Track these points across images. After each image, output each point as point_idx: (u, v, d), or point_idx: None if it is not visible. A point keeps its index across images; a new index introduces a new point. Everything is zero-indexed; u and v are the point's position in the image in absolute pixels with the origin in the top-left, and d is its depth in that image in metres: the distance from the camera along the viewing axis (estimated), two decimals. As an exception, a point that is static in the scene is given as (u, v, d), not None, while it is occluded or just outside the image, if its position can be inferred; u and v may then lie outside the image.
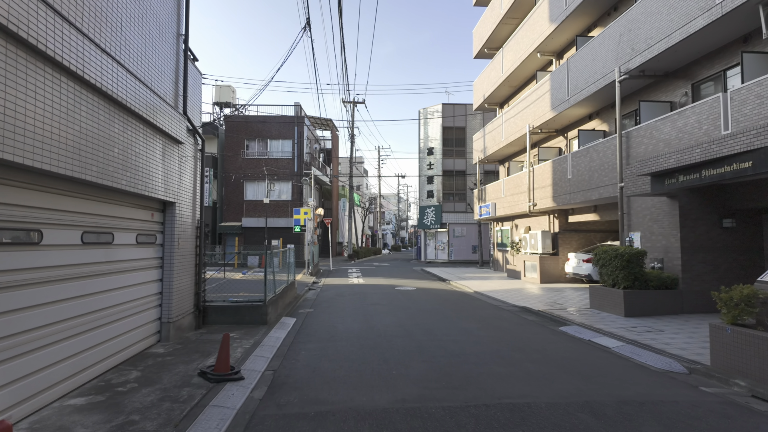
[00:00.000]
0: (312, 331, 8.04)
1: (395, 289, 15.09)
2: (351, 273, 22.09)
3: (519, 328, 8.43)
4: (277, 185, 32.63)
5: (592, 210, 14.39)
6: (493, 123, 20.78)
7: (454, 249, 32.44)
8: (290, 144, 32.79)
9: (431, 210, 32.89)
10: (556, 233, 16.18)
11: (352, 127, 35.60)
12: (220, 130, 33.53)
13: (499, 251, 22.05)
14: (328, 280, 18.55)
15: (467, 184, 32.53)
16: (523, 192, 17.06)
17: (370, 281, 17.86)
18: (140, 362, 5.64)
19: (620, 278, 9.30)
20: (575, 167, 13.41)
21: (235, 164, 32.31)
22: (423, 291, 14.60)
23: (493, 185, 20.66)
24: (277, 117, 33.15)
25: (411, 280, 18.66)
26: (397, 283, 17.22)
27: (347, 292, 14.15)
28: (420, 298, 12.82)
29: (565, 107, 14.18)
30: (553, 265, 15.90)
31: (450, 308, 10.82)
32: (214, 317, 8.24)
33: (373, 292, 14.04)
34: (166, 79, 6.69)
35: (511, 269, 18.55)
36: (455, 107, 33.00)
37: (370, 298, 12.77)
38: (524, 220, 18.98)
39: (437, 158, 32.86)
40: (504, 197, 19.14)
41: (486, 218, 21.78)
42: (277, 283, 10.88)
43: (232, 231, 31.61)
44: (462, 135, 32.97)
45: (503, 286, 15.34)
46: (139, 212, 6.09)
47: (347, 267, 26.94)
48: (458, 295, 13.77)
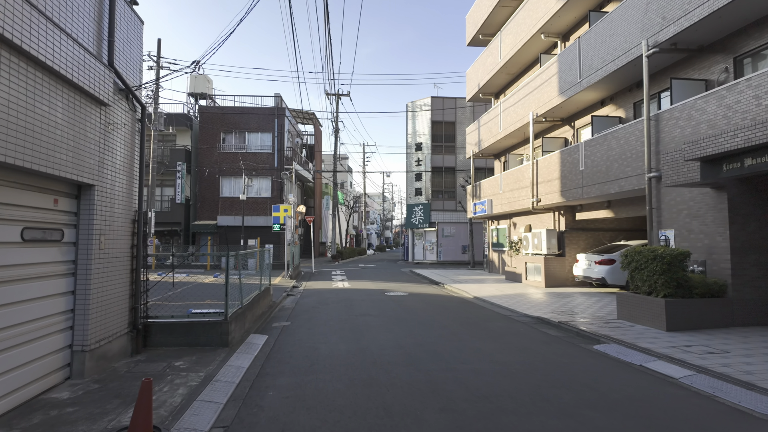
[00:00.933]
0: (286, 356, 6.25)
1: (385, 294, 13.37)
2: (335, 275, 20.29)
3: (545, 348, 6.79)
4: (255, 181, 30.58)
5: (604, 206, 12.91)
6: (490, 113, 19.24)
7: (443, 249, 30.89)
8: (270, 137, 30.80)
9: (419, 208, 31.28)
10: (562, 232, 14.69)
11: (336, 120, 33.76)
12: (194, 122, 31.33)
13: (494, 252, 20.52)
14: (309, 284, 16.72)
15: (457, 181, 31.01)
16: (525, 187, 15.53)
17: (356, 285, 16.10)
18: (19, 421, 3.78)
19: (659, 284, 7.76)
20: (589, 157, 11.90)
21: (211, 158, 30.18)
22: (417, 297, 12.91)
23: (489, 180, 19.12)
24: (256, 108, 31.12)
25: (401, 283, 16.97)
26: (386, 287, 15.49)
27: (331, 299, 12.37)
28: (415, 306, 11.11)
29: (576, 91, 12.67)
30: (559, 268, 14.40)
31: (453, 320, 9.15)
32: (160, 338, 6.38)
33: (360, 299, 12.28)
34: (78, 13, 4.81)
35: (510, 271, 17.02)
36: (444, 101, 31.46)
37: (358, 306, 11.01)
38: (524, 218, 17.48)
39: (426, 154, 31.27)
40: (502, 193, 17.60)
41: (480, 216, 20.24)
42: (247, 290, 9.05)
43: (206, 230, 29.48)
44: (452, 130, 31.46)
45: (504, 291, 13.76)
46: (29, 196, 4.23)
47: (331, 269, 25.12)
48: (458, 302, 12.12)
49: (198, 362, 5.67)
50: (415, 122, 32.29)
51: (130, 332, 5.82)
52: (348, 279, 18.55)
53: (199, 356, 5.96)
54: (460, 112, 31.44)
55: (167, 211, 29.60)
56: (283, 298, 12.67)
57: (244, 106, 31.15)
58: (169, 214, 29.51)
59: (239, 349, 6.49)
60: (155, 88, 25.34)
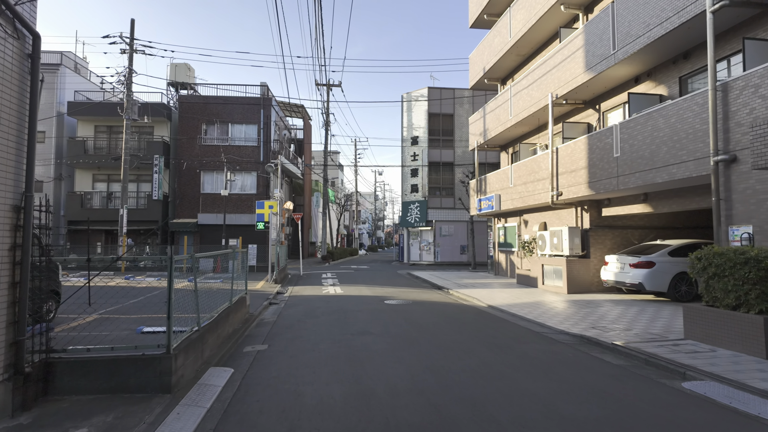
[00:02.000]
0: (253, 412, 4.24)
1: (385, 303, 11.40)
2: (325, 279, 18.28)
3: (619, 388, 4.88)
4: (239, 177, 28.43)
5: (639, 200, 11.09)
6: (497, 99, 17.37)
7: (441, 249, 29.02)
8: (255, 129, 28.67)
9: (415, 206, 29.37)
10: (586, 230, 12.86)
11: (327, 112, 31.72)
12: (173, 112, 29.07)
13: (500, 253, 18.67)
14: (297, 290, 14.69)
15: (455, 177, 29.17)
16: (542, 179, 13.68)
17: (350, 291, 14.11)
18: None
19: (753, 297, 5.91)
20: (627, 141, 10.05)
21: (191, 152, 27.96)
22: (423, 307, 10.96)
23: (496, 174, 17.25)
24: (240, 98, 28.96)
25: (400, 288, 15.02)
26: (384, 293, 13.53)
27: (321, 310, 10.37)
28: (424, 319, 9.16)
29: (608, 65, 10.83)
30: (582, 271, 12.57)
31: (477, 340, 7.21)
32: (70, 382, 4.35)
33: (356, 309, 10.30)
34: None
35: (522, 275, 15.16)
36: (442, 91, 29.59)
37: (355, 320, 9.03)
38: (538, 214, 15.64)
39: (422, 148, 29.37)
40: (512, 187, 15.73)
41: (486, 213, 18.36)
42: (211, 303, 7.04)
43: (186, 229, 27.27)
44: (450, 123, 29.60)
45: (521, 298, 11.89)
46: None
47: (321, 271, 23.08)
48: (472, 312, 10.20)
49: (113, 428, 3.65)
50: (410, 114, 30.38)
51: (9, 379, 3.79)
52: (340, 283, 16.55)
53: (119, 413, 3.93)
54: (459, 104, 29.61)
55: (143, 209, 27.35)
56: (263, 308, 10.64)
57: (227, 95, 28.97)
58: (145, 211, 27.25)
59: (187, 396, 4.48)
60: (128, 73, 23.14)
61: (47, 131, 27.82)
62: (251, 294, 12.87)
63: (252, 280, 16.94)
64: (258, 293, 13.30)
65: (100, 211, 26.99)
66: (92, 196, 27.55)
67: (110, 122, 27.72)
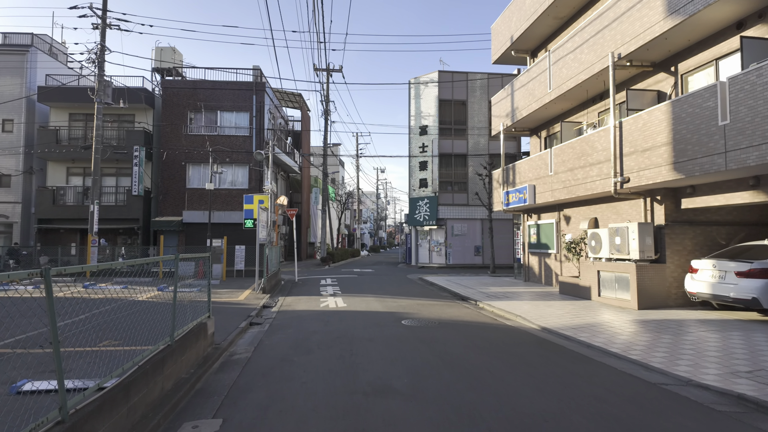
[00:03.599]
0: None
1: (403, 324, 8.52)
2: (324, 286, 15.41)
3: None
4: (229, 170, 25.59)
5: (747, 185, 8.22)
6: (530, 72, 14.51)
7: (453, 251, 26.16)
8: (247, 117, 25.84)
9: (425, 202, 26.51)
10: (661, 227, 10.00)
11: (327, 100, 28.85)
12: (157, 99, 26.25)
13: (532, 255, 15.79)
14: (288, 301, 11.82)
15: (469, 169, 26.31)
16: (597, 163, 10.81)
17: (354, 303, 11.24)
18: None
19: None
20: (743, 102, 7.19)
21: (176, 142, 25.13)
22: (456, 331, 8.09)
23: (530, 161, 14.37)
24: (230, 83, 26.14)
25: (416, 299, 12.15)
26: (398, 307, 10.66)
27: (317, 337, 7.49)
28: (468, 357, 6.27)
29: (705, 2, 7.98)
30: (657, 279, 9.71)
31: (571, 406, 4.34)
32: None
33: (366, 337, 7.41)
34: None
35: (567, 283, 12.29)
36: (454, 75, 26.73)
37: (365, 359, 6.12)
38: (586, 208, 12.78)
39: (432, 138, 26.50)
40: (552, 176, 12.87)
41: (515, 208, 15.49)
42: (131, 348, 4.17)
43: (169, 228, 24.44)
44: (462, 111, 26.73)
45: (580, 316, 9.04)
46: None
47: (319, 275, 20.20)
48: (528, 342, 7.32)
49: None
50: (419, 102, 27.51)
51: None
52: (342, 292, 13.68)
53: None
54: (472, 90, 26.73)
55: (122, 206, 24.52)
56: (238, 332, 7.77)
57: (216, 80, 26.13)
58: (124, 208, 24.42)
59: None
60: (99, 50, 20.29)
61: (15, 118, 25.01)
62: (229, 309, 10.04)
63: (236, 288, 14.12)
64: (238, 307, 10.45)
65: (75, 208, 24.15)
66: (66, 191, 24.71)
67: (87, 110, 24.81)
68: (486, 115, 26.50)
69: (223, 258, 17.19)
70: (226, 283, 15.74)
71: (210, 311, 6.80)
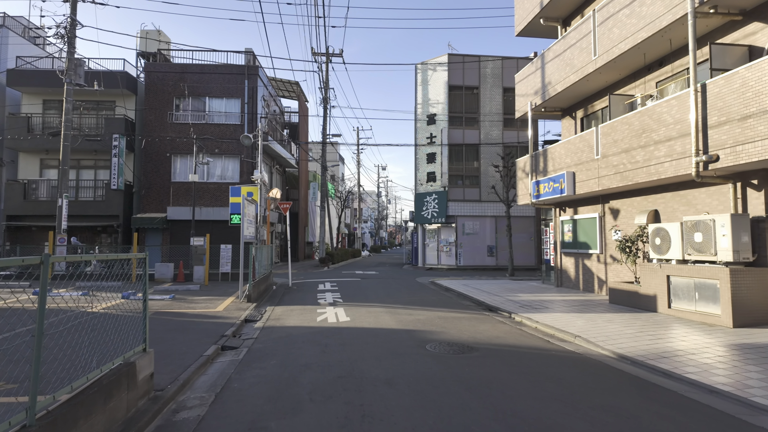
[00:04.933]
0: None
1: (428, 351, 6.22)
2: (323, 292, 13.12)
3: None
4: (218, 162, 23.31)
5: None
6: (567, 38, 12.22)
7: (464, 251, 23.88)
8: (238, 104, 23.54)
9: (432, 198, 24.22)
10: (760, 220, 7.73)
11: (326, 86, 26.54)
12: (139, 85, 23.95)
13: (567, 256, 13.50)
14: (278, 313, 9.51)
15: (481, 161, 24.02)
16: (667, 139, 8.53)
17: (359, 316, 8.94)
18: None
19: None
20: None
21: (161, 132, 22.84)
22: (505, 362, 5.80)
23: (568, 144, 12.09)
24: (220, 66, 23.85)
25: (434, 310, 9.86)
26: (415, 322, 8.37)
27: (310, 374, 5.17)
28: (546, 416, 3.98)
29: None
30: (757, 288, 7.44)
31: None
32: None
33: (382, 377, 5.06)
34: None
35: (621, 290, 10.02)
36: (465, 59, 24.45)
37: (386, 424, 3.84)
38: (641, 199, 10.50)
39: (441, 128, 24.21)
40: (598, 159, 10.60)
41: (548, 201, 13.22)
42: None
43: (153, 225, 22.14)
44: (474, 98, 24.45)
45: (661, 337, 6.78)
46: None
47: (317, 278, 17.89)
48: (615, 380, 5.02)
49: None
50: (426, 88, 25.21)
51: None
52: (344, 300, 11.38)
53: None
54: (485, 75, 24.43)
55: (101, 201, 22.21)
56: (199, 366, 5.46)
57: (205, 63, 23.84)
58: (103, 204, 22.12)
59: None
60: (69, 24, 17.98)
61: (-20, 104, 22.69)
62: (200, 325, 7.75)
63: (217, 295, 11.74)
64: (212, 322, 8.16)
65: (49, 203, 21.83)
66: (38, 185, 22.39)
67: (63, 96, 22.47)
68: (500, 103, 24.22)
69: (205, 259, 14.88)
70: (207, 289, 13.45)
71: (146, 342, 4.50)
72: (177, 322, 8.29)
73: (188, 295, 12.07)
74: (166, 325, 7.97)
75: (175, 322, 8.23)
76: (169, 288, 13.23)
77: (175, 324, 8.07)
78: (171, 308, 9.83)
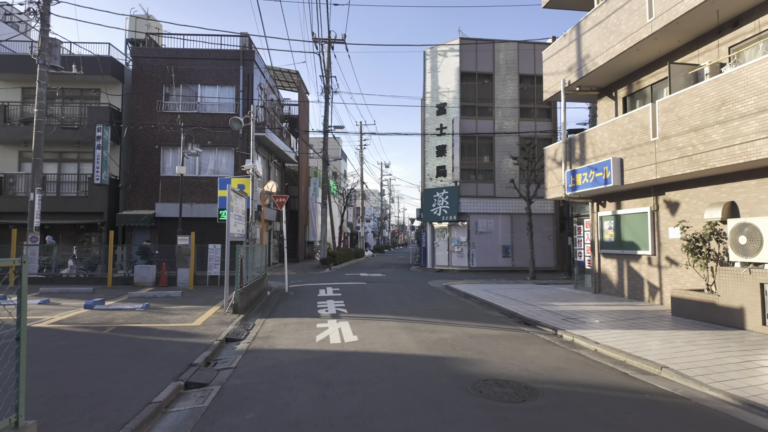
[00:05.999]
0: None
1: (471, 394, 4.40)
2: (324, 300, 11.29)
3: None
4: (211, 155, 21.55)
5: None
6: (611, 1, 10.37)
7: (477, 251, 22.05)
8: (233, 92, 21.77)
9: (443, 194, 22.39)
10: None
11: (328, 75, 24.73)
12: (126, 72, 22.19)
13: (607, 258, 11.65)
14: (268, 328, 7.68)
15: (496, 155, 22.19)
16: (759, 111, 6.70)
17: (369, 334, 7.11)
18: None
19: None
20: None
21: (149, 122, 21.09)
22: (584, 414, 3.97)
23: (613, 125, 10.23)
24: (213, 51, 22.06)
25: (459, 324, 8.04)
26: (440, 343, 6.54)
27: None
28: None
29: None
30: None
31: None
32: None
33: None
34: None
35: (692, 300, 8.18)
36: (478, 43, 22.62)
37: None
38: (711, 189, 8.65)
39: (452, 118, 22.37)
40: (656, 141, 8.76)
41: (586, 192, 11.37)
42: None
43: (140, 223, 20.39)
44: (487, 86, 22.61)
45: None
46: None
47: (318, 282, 16.05)
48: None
49: None
50: (436, 75, 23.38)
51: None
52: (349, 311, 9.56)
53: None
54: (499, 62, 22.59)
55: (83, 197, 20.46)
56: (142, 423, 3.65)
57: (197, 48, 22.06)
58: (85, 200, 20.37)
59: None
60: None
61: (-47, 92, 20.96)
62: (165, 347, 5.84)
63: (199, 304, 9.63)
64: (183, 342, 6.34)
65: (27, 199, 20.09)
66: (16, 179, 20.66)
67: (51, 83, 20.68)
68: (516, 91, 22.38)
69: (190, 260, 13.08)
70: (190, 295, 11.63)
71: (19, 411, 2.66)
72: (138, 342, 6.49)
73: (166, 303, 10.27)
74: (123, 347, 6.17)
75: (135, 343, 6.43)
76: (146, 294, 11.43)
77: (135, 345, 6.27)
78: (139, 321, 8.04)
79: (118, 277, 14.10)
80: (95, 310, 9.19)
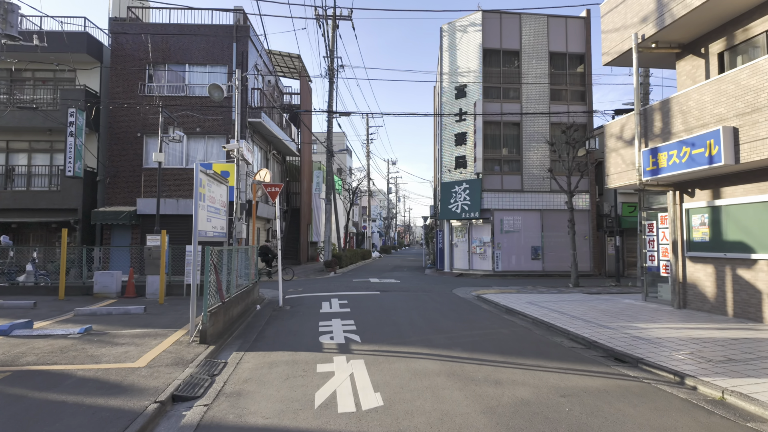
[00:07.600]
0: None
1: None
2: (327, 318, 8.62)
3: None
4: (200, 143, 19.03)
5: None
6: None
7: (503, 253, 19.37)
8: (225, 73, 19.23)
9: (463, 188, 19.73)
10: None
11: (332, 56, 22.11)
12: (105, 51, 19.70)
13: (698, 263, 8.93)
14: (244, 374, 4.98)
15: (523, 142, 19.52)
16: None
17: (399, 392, 4.44)
18: None
19: None
20: None
21: (130, 106, 18.61)
22: None
23: (719, 84, 7.53)
24: (203, 26, 19.52)
25: (530, 367, 5.40)
26: (520, 415, 3.93)
27: None
28: None
29: None
30: None
31: None
32: None
33: None
34: None
35: None
36: (503, 17, 19.94)
37: None
38: None
39: (474, 101, 19.70)
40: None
41: (676, 176, 8.68)
42: None
43: (119, 221, 17.87)
44: (513, 65, 19.93)
45: None
46: None
47: (322, 290, 13.36)
48: None
49: None
50: (454, 54, 20.71)
51: None
52: (362, 339, 6.91)
53: None
54: (526, 38, 19.90)
55: (56, 191, 18.01)
56: None
57: (185, 23, 19.52)
58: (58, 195, 17.91)
59: None
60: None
61: None
62: (73, 419, 3.27)
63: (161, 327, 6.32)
64: (101, 407, 3.64)
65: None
66: (-29, 171, 18.24)
67: (18, 64, 18.24)
68: (547, 70, 19.68)
69: (160, 265, 10.46)
70: (157, 311, 9.02)
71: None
72: (24, 406, 3.89)
73: (117, 324, 7.68)
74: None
75: (18, 409, 3.82)
76: (99, 311, 8.83)
77: (11, 416, 3.66)
78: (58, 360, 5.46)
79: (75, 287, 11.53)
80: (10, 337, 6.62)
